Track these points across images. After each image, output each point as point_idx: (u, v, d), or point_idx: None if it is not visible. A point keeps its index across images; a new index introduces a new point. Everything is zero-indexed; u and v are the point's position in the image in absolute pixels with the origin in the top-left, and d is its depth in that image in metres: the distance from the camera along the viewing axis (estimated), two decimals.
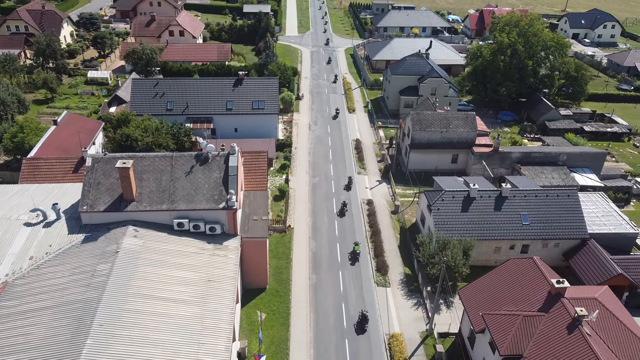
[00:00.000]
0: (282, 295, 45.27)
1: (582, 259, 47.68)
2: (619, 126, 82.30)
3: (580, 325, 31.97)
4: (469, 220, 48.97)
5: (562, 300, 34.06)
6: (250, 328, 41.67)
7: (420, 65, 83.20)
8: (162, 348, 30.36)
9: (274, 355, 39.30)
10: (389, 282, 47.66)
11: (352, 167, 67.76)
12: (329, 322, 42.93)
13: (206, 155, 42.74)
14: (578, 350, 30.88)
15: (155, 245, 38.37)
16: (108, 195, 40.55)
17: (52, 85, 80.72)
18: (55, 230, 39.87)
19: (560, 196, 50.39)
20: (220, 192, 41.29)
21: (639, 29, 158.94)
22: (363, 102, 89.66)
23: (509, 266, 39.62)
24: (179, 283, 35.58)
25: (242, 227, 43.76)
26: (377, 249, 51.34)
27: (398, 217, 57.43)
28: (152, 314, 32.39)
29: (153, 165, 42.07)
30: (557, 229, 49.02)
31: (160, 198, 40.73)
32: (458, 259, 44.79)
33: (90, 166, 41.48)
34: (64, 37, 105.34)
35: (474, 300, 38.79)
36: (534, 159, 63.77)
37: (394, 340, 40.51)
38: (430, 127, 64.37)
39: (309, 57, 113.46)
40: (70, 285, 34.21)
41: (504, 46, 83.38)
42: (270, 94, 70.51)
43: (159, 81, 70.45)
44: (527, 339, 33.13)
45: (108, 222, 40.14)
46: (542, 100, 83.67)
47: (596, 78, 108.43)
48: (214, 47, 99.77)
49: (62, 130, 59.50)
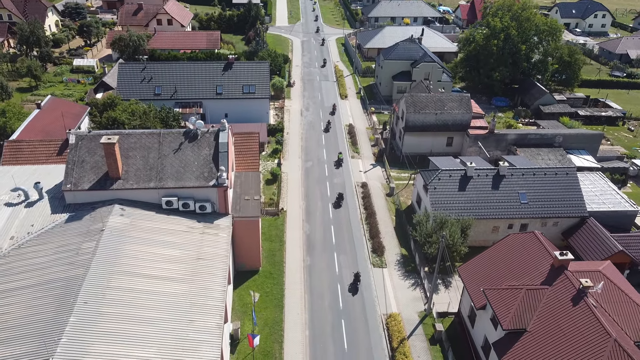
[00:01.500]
0: (276, 277, 43.83)
1: (582, 237, 46.72)
2: (614, 110, 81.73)
3: (585, 296, 30.87)
4: (466, 199, 47.81)
5: (565, 272, 32.96)
6: (243, 310, 40.20)
7: (413, 50, 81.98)
8: (151, 325, 28.81)
9: (268, 337, 37.87)
10: (385, 263, 46.36)
11: (345, 151, 66.40)
12: (324, 304, 41.57)
13: (195, 132, 41.14)
14: (584, 321, 29.77)
15: (142, 224, 36.74)
16: (93, 174, 38.82)
17: (36, 73, 78.46)
18: (38, 210, 38.06)
19: (558, 174, 49.39)
20: (210, 169, 39.73)
21: (628, 20, 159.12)
22: (355, 89, 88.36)
23: (509, 241, 38.49)
24: (167, 261, 33.99)
25: (234, 207, 42.25)
26: (372, 231, 50.03)
27: (393, 200, 56.18)
28: (139, 292, 30.80)
29: (140, 142, 40.39)
30: (556, 208, 48.03)
31: (148, 176, 39.08)
32: (456, 237, 43.63)
33: (74, 143, 39.71)
34: (49, 27, 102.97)
35: (473, 276, 37.61)
36: (530, 141, 62.79)
37: (392, 320, 39.24)
38: (425, 109, 63.17)
39: (300, 46, 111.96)
40: (53, 263, 32.49)
41: (497, 30, 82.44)
42: (261, 78, 68.94)
43: (146, 65, 68.59)
44: (530, 313, 31.97)
45: (93, 201, 38.41)
46: (536, 85, 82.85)
47: (589, 65, 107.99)
48: (203, 34, 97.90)
49: (46, 114, 57.52)
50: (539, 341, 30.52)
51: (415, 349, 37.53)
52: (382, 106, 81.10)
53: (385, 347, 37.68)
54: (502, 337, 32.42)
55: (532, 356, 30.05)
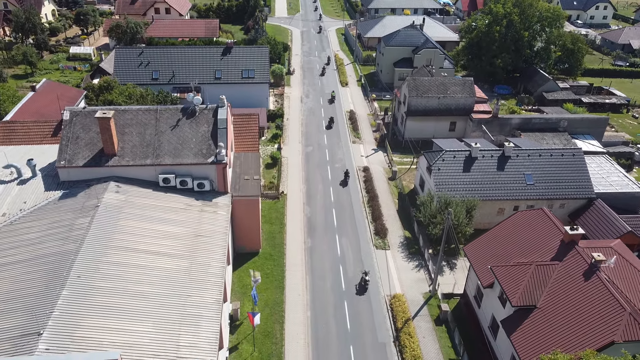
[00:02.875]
0: (276, 259, 42.71)
1: (590, 219, 45.63)
2: (618, 98, 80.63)
3: (597, 270, 29.80)
4: (471, 180, 46.70)
5: (576, 247, 31.88)
6: (242, 291, 39.08)
7: (414, 36, 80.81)
8: (148, 299, 27.67)
9: (268, 317, 36.75)
10: (388, 245, 45.26)
11: (347, 136, 65.28)
12: (325, 285, 40.45)
13: (193, 108, 39.99)
14: (597, 296, 28.70)
15: (139, 201, 35.57)
16: (88, 150, 37.66)
17: (32, 59, 77.14)
18: (31, 187, 36.89)
19: (565, 155, 48.32)
20: (209, 146, 38.58)
21: (630, 12, 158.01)
22: (356, 77, 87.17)
23: (516, 218, 37.41)
24: (164, 237, 32.83)
25: (233, 187, 41.13)
26: (375, 213, 48.91)
27: (396, 184, 55.05)
28: (135, 267, 29.65)
29: (136, 118, 39.22)
30: (563, 189, 46.94)
31: (144, 153, 37.91)
32: (461, 217, 42.54)
33: (68, 120, 38.52)
34: (45, 15, 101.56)
35: (480, 255, 36.50)
36: (534, 126, 61.61)
37: (396, 300, 38.15)
38: (427, 93, 62.02)
39: (299, 36, 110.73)
40: (46, 239, 31.31)
41: (499, 17, 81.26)
42: (260, 63, 67.73)
43: (143, 50, 67.35)
44: (540, 289, 30.89)
45: (88, 178, 37.20)
46: (539, 72, 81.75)
47: (591, 55, 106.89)
48: (201, 22, 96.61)
49: (40, 97, 56.33)
50: (549, 317, 29.44)
51: (421, 330, 36.43)
52: (383, 93, 79.92)
53: (390, 328, 36.60)
54: (510, 314, 31.35)
55: (542, 332, 28.98)
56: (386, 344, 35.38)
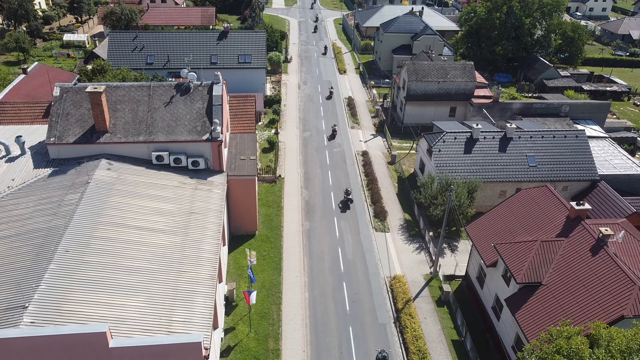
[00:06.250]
0: (273, 241, 41.65)
1: (594, 201, 44.62)
2: (619, 86, 79.78)
3: (605, 245, 28.83)
4: (472, 162, 45.71)
5: (583, 223, 30.91)
6: (238, 273, 38.02)
7: (413, 22, 79.78)
8: (139, 274, 26.56)
9: (265, 299, 35.69)
10: (388, 227, 44.24)
11: (345, 121, 64.19)
12: (324, 266, 39.39)
13: (187, 85, 38.84)
14: (605, 271, 27.73)
15: (131, 178, 34.42)
16: (78, 127, 36.48)
17: (24, 46, 75.75)
18: (19, 165, 35.70)
19: (568, 137, 47.37)
20: (204, 123, 37.45)
21: (629, 5, 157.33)
22: (354, 65, 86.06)
23: (520, 196, 36.42)
24: (157, 214, 31.70)
25: (229, 167, 40.05)
26: (374, 196, 47.88)
27: (395, 168, 54.03)
28: (126, 242, 28.51)
29: (128, 95, 38.04)
30: (566, 171, 46.00)
31: (137, 129, 36.75)
32: (463, 198, 41.54)
33: (58, 96, 37.33)
34: (39, 3, 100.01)
35: (483, 234, 35.51)
36: (535, 111, 60.69)
37: (396, 282, 37.14)
38: (427, 77, 60.98)
39: (297, 26, 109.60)
40: (34, 215, 30.16)
41: (499, 3, 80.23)
42: (257, 48, 66.47)
43: (138, 34, 66.08)
44: (546, 265, 29.92)
45: (78, 155, 36.05)
46: (539, 59, 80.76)
47: (591, 45, 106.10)
48: (197, 10, 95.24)
49: (32, 79, 55.02)
50: (556, 293, 28.46)
51: (422, 311, 35.43)
52: (381, 80, 78.83)
53: (390, 309, 35.58)
54: (515, 292, 30.38)
55: (548, 309, 28.01)
56: (386, 324, 34.37)
